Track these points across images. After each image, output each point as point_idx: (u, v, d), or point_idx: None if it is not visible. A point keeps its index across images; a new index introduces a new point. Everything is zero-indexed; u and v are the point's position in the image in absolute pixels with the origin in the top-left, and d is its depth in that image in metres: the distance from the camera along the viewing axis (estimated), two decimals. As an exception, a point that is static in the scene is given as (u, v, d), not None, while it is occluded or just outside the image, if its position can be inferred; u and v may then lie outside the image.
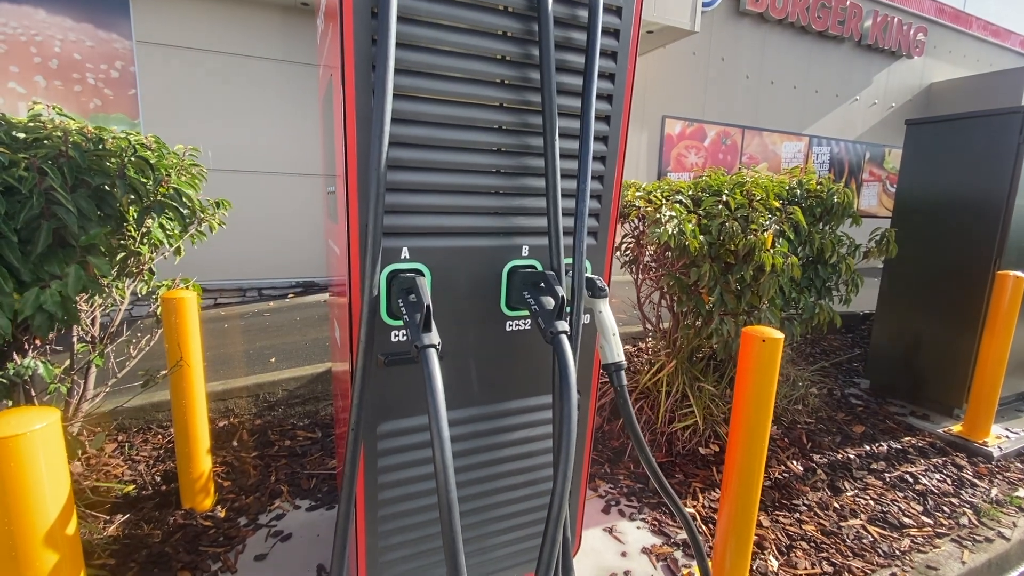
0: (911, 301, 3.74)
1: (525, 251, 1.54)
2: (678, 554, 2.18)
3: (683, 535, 2.29)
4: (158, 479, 2.49)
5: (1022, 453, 3.17)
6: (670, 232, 2.51)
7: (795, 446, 2.99)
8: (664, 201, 2.75)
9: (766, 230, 2.77)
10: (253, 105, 5.98)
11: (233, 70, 5.85)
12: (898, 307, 3.83)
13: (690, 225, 2.63)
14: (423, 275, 1.34)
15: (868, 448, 3.10)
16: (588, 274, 1.51)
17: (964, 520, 2.47)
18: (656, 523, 2.36)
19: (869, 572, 2.11)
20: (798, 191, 3.11)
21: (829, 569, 2.11)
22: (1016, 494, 2.68)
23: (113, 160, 1.84)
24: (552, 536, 1.20)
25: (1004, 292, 3.05)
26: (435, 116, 1.34)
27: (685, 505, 2.50)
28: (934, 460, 3.00)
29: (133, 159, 1.85)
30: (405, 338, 1.44)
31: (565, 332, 1.31)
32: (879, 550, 2.24)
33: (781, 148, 10.35)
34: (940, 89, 12.15)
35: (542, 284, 1.42)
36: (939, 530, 2.39)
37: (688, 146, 9.23)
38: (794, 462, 2.86)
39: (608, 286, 1.53)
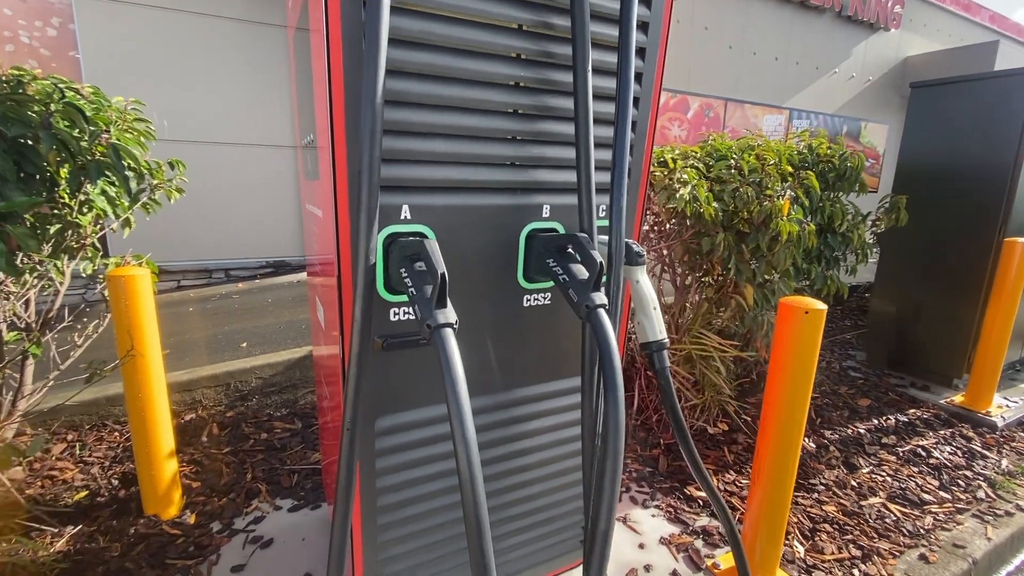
0: (910, 271, 3.66)
1: (546, 211, 1.30)
2: (699, 543, 2.03)
3: (701, 522, 2.14)
4: (116, 483, 2.20)
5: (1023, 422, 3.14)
6: (686, 199, 2.30)
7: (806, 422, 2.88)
8: (676, 165, 2.53)
9: (781, 196, 2.59)
10: (215, 70, 5.47)
11: (191, 30, 5.32)
12: (897, 278, 3.75)
13: (704, 191, 2.43)
14: (428, 238, 1.09)
15: (876, 422, 3.01)
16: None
17: (981, 494, 2.40)
18: (671, 510, 2.21)
19: (898, 553, 2.00)
20: (809, 156, 2.94)
21: (857, 553, 1.99)
22: (1027, 465, 2.64)
23: (36, 108, 1.51)
24: (601, 554, 0.99)
25: (1012, 260, 2.96)
26: (442, 38, 1.07)
27: (696, 489, 2.36)
28: (942, 432, 2.94)
29: (61, 107, 1.52)
30: (407, 316, 1.19)
31: (603, 306, 1.09)
32: (903, 529, 2.14)
33: (763, 121, 10.25)
34: (915, 63, 12.20)
35: (570, 249, 1.19)
36: (959, 505, 2.31)
37: (672, 118, 9.02)
38: (806, 439, 2.75)
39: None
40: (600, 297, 1.09)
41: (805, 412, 1.66)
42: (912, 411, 3.18)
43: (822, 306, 1.58)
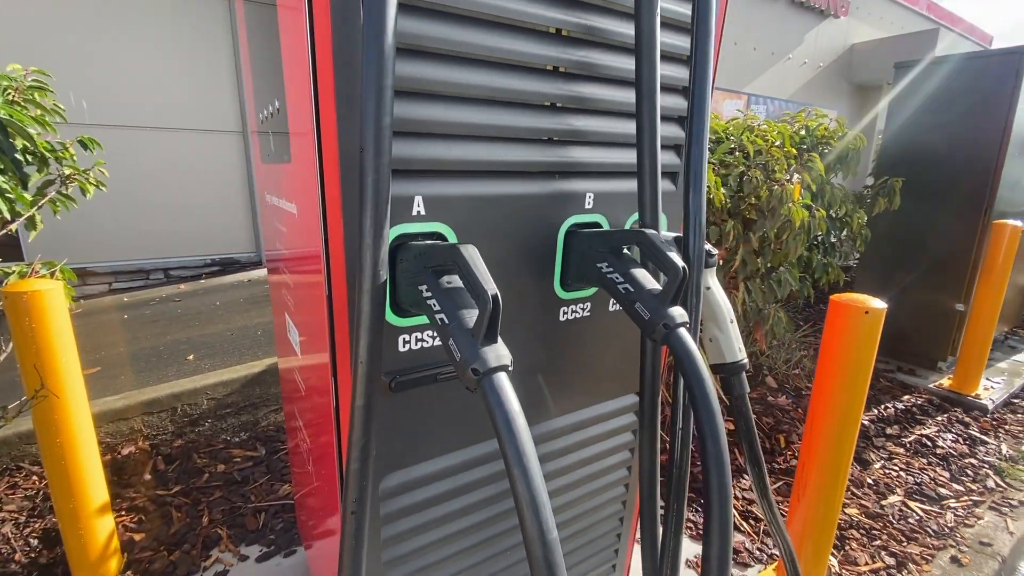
0: (894, 255, 3.63)
1: (589, 200, 1.03)
2: (727, 563, 1.85)
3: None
4: (35, 543, 1.79)
5: (1009, 402, 3.17)
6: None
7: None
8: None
9: (788, 180, 2.43)
10: (142, 46, 4.82)
11: (120, 4, 4.64)
12: (881, 262, 3.72)
13: (712, 175, 2.23)
14: (459, 244, 0.79)
15: (876, 411, 2.95)
16: (670, 233, 1.03)
17: (991, 483, 2.35)
18: (692, 527, 2.02)
19: (929, 558, 1.89)
20: (808, 138, 2.79)
21: (891, 561, 1.87)
22: (1025, 449, 2.63)
23: None
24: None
25: (1001, 242, 2.95)
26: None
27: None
28: (939, 418, 2.91)
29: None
30: (421, 344, 0.90)
31: (686, 324, 0.84)
32: (928, 529, 2.04)
33: (723, 106, 10.31)
34: (861, 49, 12.62)
35: (627, 250, 0.93)
36: (973, 497, 2.24)
37: (636, 103, 8.90)
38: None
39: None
40: (681, 314, 0.84)
41: (858, 423, 1.48)
42: (906, 397, 3.15)
43: (882, 305, 1.40)
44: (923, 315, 3.53)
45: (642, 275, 0.90)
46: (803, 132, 2.82)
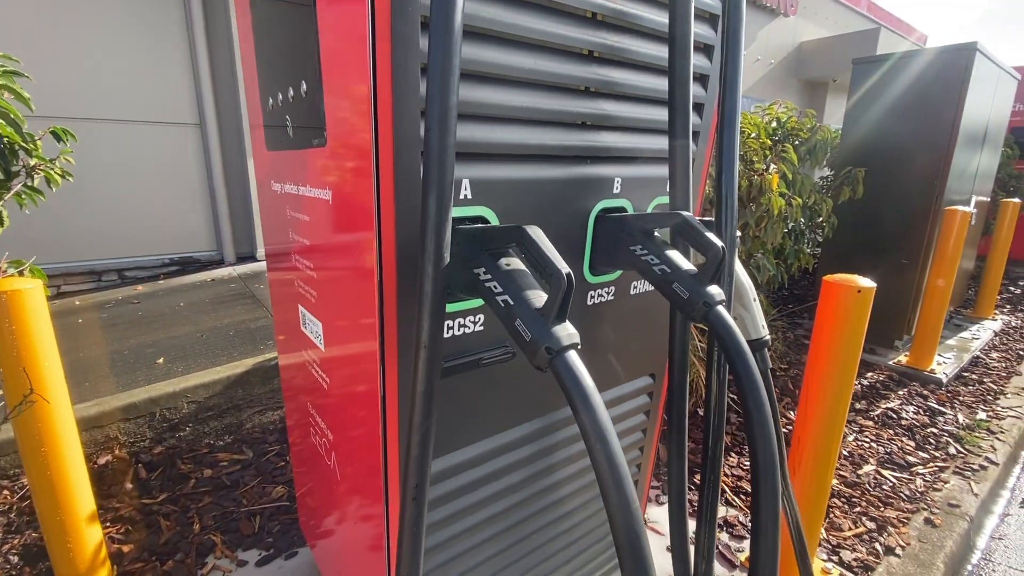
0: (854, 241, 3.84)
1: (617, 185, 1.04)
2: (724, 537, 1.93)
3: (720, 513, 2.04)
4: (15, 560, 1.67)
5: (960, 375, 3.43)
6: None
7: (787, 396, 2.92)
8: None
9: (766, 170, 2.53)
10: (87, 33, 4.50)
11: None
12: (842, 248, 3.92)
13: (698, 164, 2.29)
14: (524, 227, 0.79)
15: (845, 388, 3.13)
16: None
17: (951, 450, 2.53)
18: (688, 504, 2.09)
19: (905, 520, 2.03)
20: (780, 130, 2.92)
21: (872, 525, 2.00)
22: (978, 418, 2.85)
23: None
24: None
25: (952, 227, 3.17)
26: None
27: (707, 477, 2.27)
28: (900, 392, 3.11)
29: None
30: (465, 330, 0.90)
31: (724, 302, 0.87)
32: (902, 495, 2.19)
33: (683, 101, 10.59)
34: (809, 47, 13.22)
35: (656, 233, 0.95)
36: (939, 464, 2.42)
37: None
38: (791, 412, 2.77)
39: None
40: (719, 292, 0.87)
41: (849, 397, 1.57)
42: (870, 374, 3.35)
43: (871, 283, 1.48)
44: (882, 297, 3.74)
45: (677, 256, 0.92)
46: (775, 125, 2.95)
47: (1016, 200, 4.41)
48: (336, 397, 1.06)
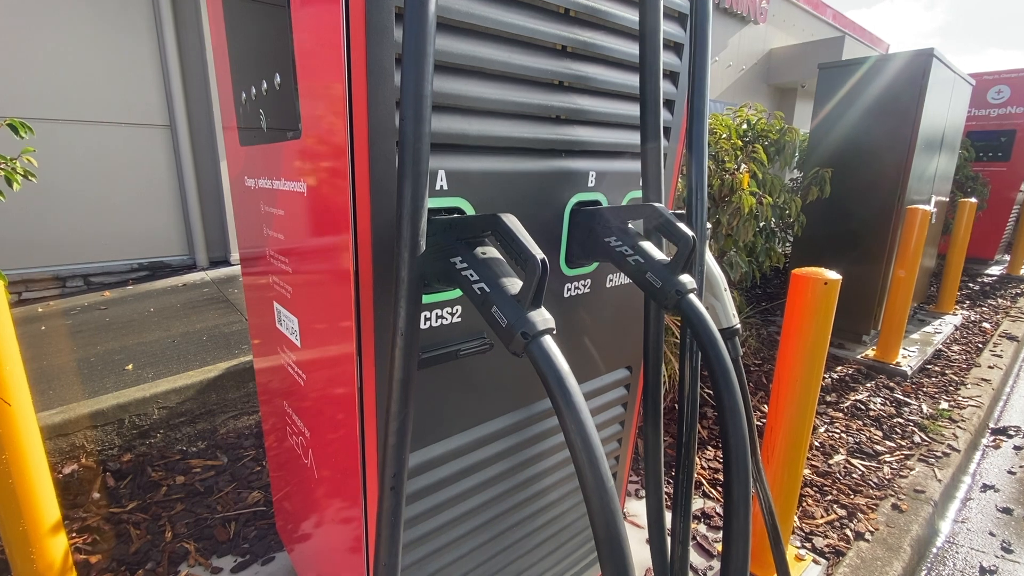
0: (823, 241, 3.96)
1: (592, 179, 1.06)
2: (702, 528, 1.97)
3: (697, 504, 2.08)
4: (-31, 576, 1.60)
5: (924, 367, 3.56)
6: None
7: (761, 390, 2.99)
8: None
9: (737, 170, 2.60)
10: (56, 31, 4.36)
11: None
12: (811, 246, 4.04)
13: (672, 163, 2.34)
14: (500, 216, 0.80)
15: (816, 382, 3.22)
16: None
17: (916, 439, 2.63)
18: (665, 496, 2.12)
19: (874, 507, 2.10)
20: (750, 131, 3.00)
21: (843, 513, 2.06)
22: (941, 407, 2.96)
23: None
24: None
25: (913, 225, 3.30)
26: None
27: (685, 470, 2.31)
28: (868, 385, 3.22)
29: None
30: (442, 321, 0.90)
31: (696, 291, 0.90)
32: (870, 482, 2.26)
33: (658, 105, 10.79)
34: (778, 54, 13.62)
35: (632, 225, 0.98)
36: (905, 452, 2.51)
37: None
38: (765, 406, 2.84)
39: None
40: (691, 281, 0.89)
41: (819, 383, 1.62)
42: (839, 368, 3.46)
43: (837, 276, 1.54)
44: (849, 293, 3.87)
45: (651, 247, 0.94)
46: (745, 126, 3.03)
47: (973, 200, 4.62)
48: (313, 394, 1.05)
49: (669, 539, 1.32)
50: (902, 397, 3.07)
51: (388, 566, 0.76)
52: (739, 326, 1.10)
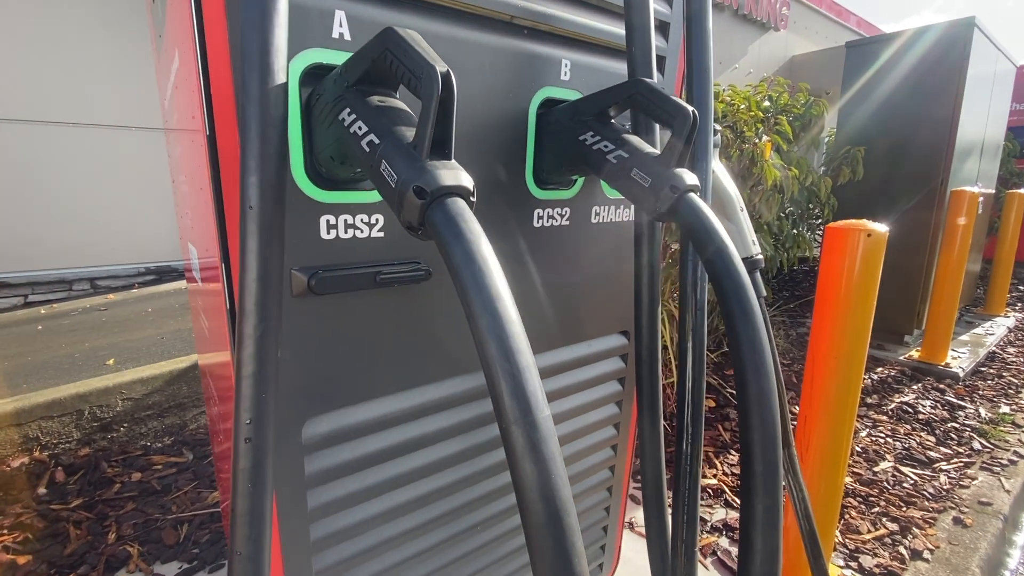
0: (856, 232, 3.63)
1: (566, 71, 0.84)
2: (724, 541, 1.67)
3: (718, 515, 1.78)
4: None
5: (977, 370, 3.18)
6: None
7: (791, 390, 2.66)
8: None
9: (758, 140, 2.34)
10: (66, 34, 4.39)
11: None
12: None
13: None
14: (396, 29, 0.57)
15: (853, 383, 2.88)
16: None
17: (975, 445, 2.28)
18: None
19: (932, 521, 1.77)
20: (772, 108, 2.74)
21: (894, 527, 1.73)
22: (1002, 411, 2.59)
23: None
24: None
25: (960, 209, 2.96)
26: None
27: (704, 476, 2.01)
28: (914, 387, 2.86)
29: None
30: (352, 234, 0.68)
31: (697, 188, 0.66)
32: (925, 493, 1.93)
33: (676, 112, 10.55)
34: (801, 60, 13.28)
35: (609, 115, 0.75)
36: (963, 459, 2.16)
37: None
38: (795, 408, 2.52)
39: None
40: (691, 175, 0.65)
41: (862, 368, 1.33)
42: (879, 369, 3.10)
43: (884, 228, 1.27)
44: (888, 289, 3.52)
45: (638, 141, 0.71)
46: (767, 103, 2.77)
47: (1022, 190, 4.22)
48: (208, 343, 0.83)
49: (672, 550, 1.05)
50: (955, 400, 2.70)
51: (245, 556, 0.52)
52: (761, 257, 0.85)
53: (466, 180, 0.46)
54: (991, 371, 3.17)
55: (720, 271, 0.63)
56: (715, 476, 2.00)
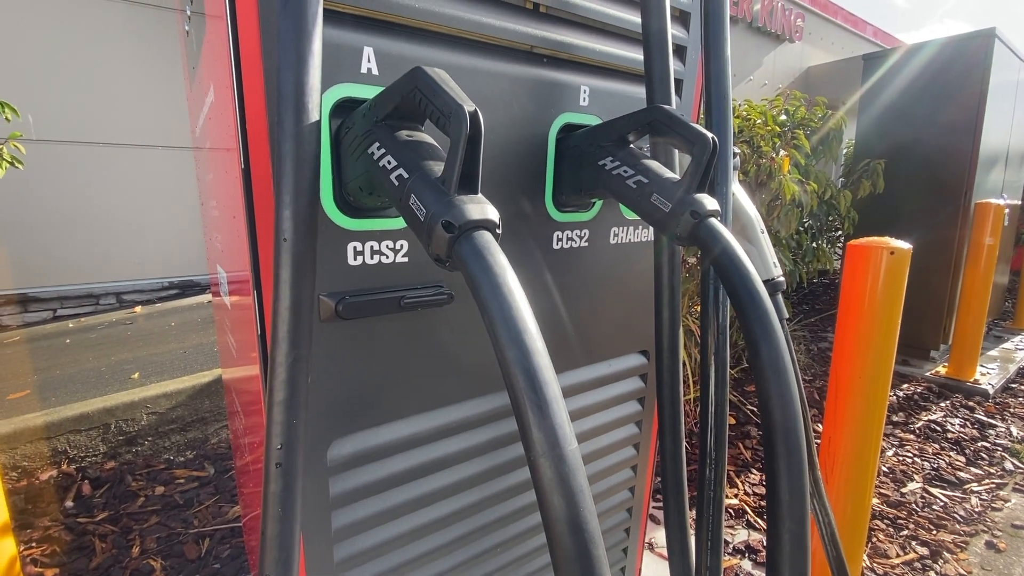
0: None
1: (584, 97, 0.85)
2: (746, 564, 1.63)
3: (740, 536, 1.75)
4: (-87, 588, 1.45)
5: (1008, 387, 3.08)
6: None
7: (813, 407, 2.61)
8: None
9: (776, 155, 2.33)
10: (97, 58, 4.57)
11: (67, 13, 4.42)
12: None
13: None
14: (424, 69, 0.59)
15: (878, 400, 2.81)
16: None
17: (1008, 465, 2.20)
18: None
19: (964, 545, 1.71)
20: (788, 122, 2.73)
21: (924, 551, 1.68)
22: (1036, 430, 2.51)
23: None
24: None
25: (986, 222, 2.90)
26: None
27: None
28: (942, 404, 2.78)
29: None
30: (377, 260, 0.69)
31: (718, 213, 0.66)
32: (956, 515, 1.87)
33: (691, 124, 10.52)
34: (816, 72, 13.20)
35: (632, 138, 0.76)
36: (995, 480, 2.09)
37: (607, 121, 9.00)
38: (819, 426, 2.47)
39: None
40: (711, 201, 0.66)
41: (888, 385, 1.31)
42: (905, 386, 3.03)
43: (907, 245, 1.25)
44: (912, 304, 3.44)
45: (658, 166, 0.72)
46: (783, 117, 2.76)
47: (1052, 200, 4.12)
48: (237, 368, 0.85)
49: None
50: (985, 418, 2.62)
51: (281, 561, 0.53)
52: (782, 279, 0.84)
53: (492, 213, 0.47)
54: (1022, 388, 3.07)
55: (743, 297, 0.63)
56: (736, 496, 1.96)
